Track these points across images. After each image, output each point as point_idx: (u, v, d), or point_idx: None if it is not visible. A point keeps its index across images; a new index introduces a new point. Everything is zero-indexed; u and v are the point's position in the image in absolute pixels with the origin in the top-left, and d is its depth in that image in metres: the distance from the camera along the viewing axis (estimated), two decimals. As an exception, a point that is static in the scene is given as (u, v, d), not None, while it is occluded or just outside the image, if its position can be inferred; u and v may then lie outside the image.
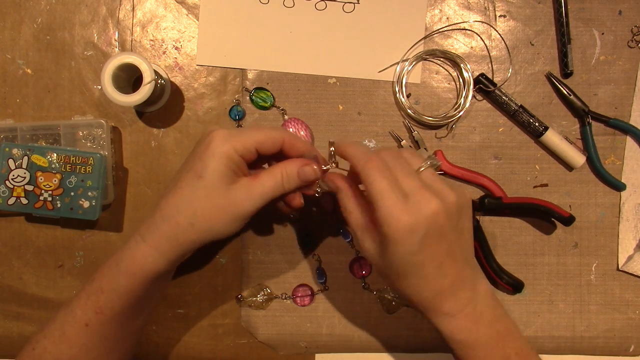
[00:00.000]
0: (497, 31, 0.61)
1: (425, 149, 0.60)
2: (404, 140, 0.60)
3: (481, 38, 0.61)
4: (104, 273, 0.46)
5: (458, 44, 0.61)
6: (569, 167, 0.61)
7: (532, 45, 0.61)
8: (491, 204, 0.59)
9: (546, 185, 0.61)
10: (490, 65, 0.61)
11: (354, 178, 0.48)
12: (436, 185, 0.43)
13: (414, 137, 0.60)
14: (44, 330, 0.47)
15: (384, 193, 0.41)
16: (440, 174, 0.60)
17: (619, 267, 0.61)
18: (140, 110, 0.61)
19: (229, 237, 0.51)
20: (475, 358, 0.45)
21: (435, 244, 0.42)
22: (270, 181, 0.45)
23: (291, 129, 0.60)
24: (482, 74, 0.60)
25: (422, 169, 0.44)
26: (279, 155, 0.48)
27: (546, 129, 0.59)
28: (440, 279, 0.43)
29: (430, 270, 0.43)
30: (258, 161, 0.48)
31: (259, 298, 0.60)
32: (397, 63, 0.61)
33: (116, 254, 0.46)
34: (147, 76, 0.54)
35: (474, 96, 0.60)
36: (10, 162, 0.55)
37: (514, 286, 0.59)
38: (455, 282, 0.44)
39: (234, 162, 0.44)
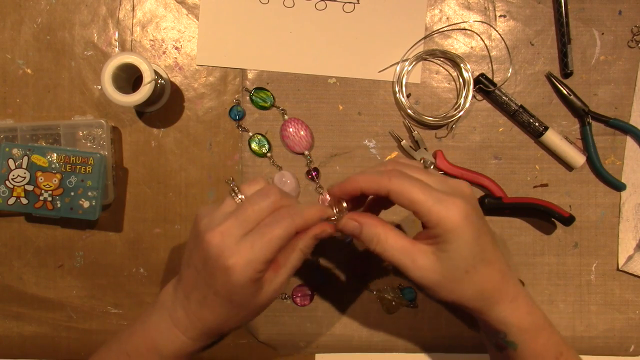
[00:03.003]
0: (497, 31, 0.61)
1: (425, 149, 0.60)
2: (404, 140, 0.60)
3: (481, 38, 0.61)
4: (140, 352, 0.47)
5: (458, 44, 0.61)
6: (569, 167, 0.61)
7: (532, 45, 0.61)
8: (491, 204, 0.59)
9: (546, 185, 0.61)
10: (490, 65, 0.61)
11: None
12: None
13: (414, 137, 0.60)
14: None
15: (427, 195, 0.40)
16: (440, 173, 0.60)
17: (619, 267, 0.61)
18: (140, 110, 0.61)
19: None
20: (538, 346, 0.44)
21: (483, 224, 0.42)
22: (292, 264, 0.44)
23: (291, 129, 0.60)
24: (482, 74, 0.60)
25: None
26: None
27: (546, 129, 0.59)
28: (499, 260, 0.43)
29: (491, 252, 0.42)
30: None
31: (259, 298, 0.60)
32: (397, 63, 0.61)
33: (148, 334, 0.47)
34: (147, 76, 0.54)
35: (474, 96, 0.60)
36: (10, 162, 0.55)
37: (514, 286, 0.59)
38: (505, 265, 0.44)
39: (259, 277, 0.42)
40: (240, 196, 0.44)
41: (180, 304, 0.45)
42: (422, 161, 0.46)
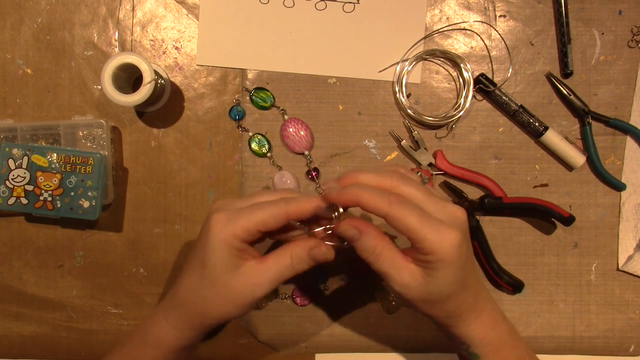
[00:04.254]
0: (497, 31, 0.61)
1: (425, 149, 0.60)
2: (404, 140, 0.60)
3: (481, 38, 0.61)
4: (133, 343, 0.48)
5: (458, 44, 0.61)
6: (569, 167, 0.61)
7: (532, 45, 0.61)
8: (491, 204, 0.59)
9: (546, 185, 0.61)
10: (490, 65, 0.61)
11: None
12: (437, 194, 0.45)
13: (414, 137, 0.60)
14: None
15: (423, 223, 0.40)
16: (439, 174, 0.60)
17: (619, 267, 0.61)
18: (140, 110, 0.61)
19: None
20: (499, 359, 0.45)
21: (469, 249, 0.43)
22: (278, 266, 0.43)
23: (291, 129, 0.60)
24: (482, 74, 0.60)
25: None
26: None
27: (546, 129, 0.59)
28: (475, 282, 0.45)
29: (470, 276, 0.44)
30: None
31: (259, 298, 0.60)
32: (397, 63, 0.61)
33: (143, 323, 0.48)
34: (147, 76, 0.54)
35: (474, 96, 0.60)
36: (10, 162, 0.55)
37: (514, 286, 0.59)
38: (479, 284, 0.45)
39: (236, 248, 0.42)
40: None
41: (174, 285, 0.47)
42: (419, 174, 0.46)
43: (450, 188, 0.60)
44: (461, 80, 0.60)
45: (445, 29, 0.61)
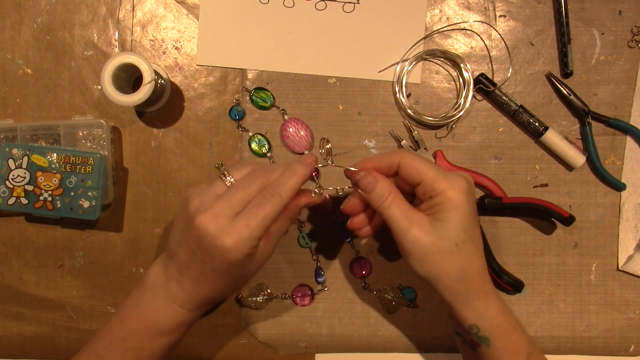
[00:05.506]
0: (497, 31, 0.61)
1: (425, 149, 0.60)
2: (404, 140, 0.60)
3: (481, 38, 0.61)
4: (137, 334, 0.47)
5: (458, 44, 0.61)
6: (569, 167, 0.61)
7: (532, 45, 0.61)
8: (491, 204, 0.59)
9: (546, 185, 0.61)
10: (490, 65, 0.61)
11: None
12: None
13: (414, 137, 0.60)
14: None
15: (433, 168, 0.45)
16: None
17: (619, 267, 0.61)
18: (140, 110, 0.61)
19: None
20: (510, 344, 0.46)
21: (475, 212, 0.46)
22: (280, 232, 0.48)
23: (291, 129, 0.60)
24: (482, 74, 0.60)
25: None
26: None
27: (546, 129, 0.59)
28: (481, 252, 0.47)
29: (478, 238, 0.46)
30: None
31: (259, 298, 0.60)
32: (397, 63, 0.61)
33: (143, 315, 0.48)
34: (147, 76, 0.54)
35: (474, 96, 0.60)
36: (10, 162, 0.55)
37: (514, 286, 0.59)
38: (484, 257, 0.47)
39: (254, 252, 0.45)
40: (229, 178, 0.46)
41: (175, 280, 0.47)
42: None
43: (450, 188, 0.60)
44: (461, 80, 0.60)
45: (445, 29, 0.61)
